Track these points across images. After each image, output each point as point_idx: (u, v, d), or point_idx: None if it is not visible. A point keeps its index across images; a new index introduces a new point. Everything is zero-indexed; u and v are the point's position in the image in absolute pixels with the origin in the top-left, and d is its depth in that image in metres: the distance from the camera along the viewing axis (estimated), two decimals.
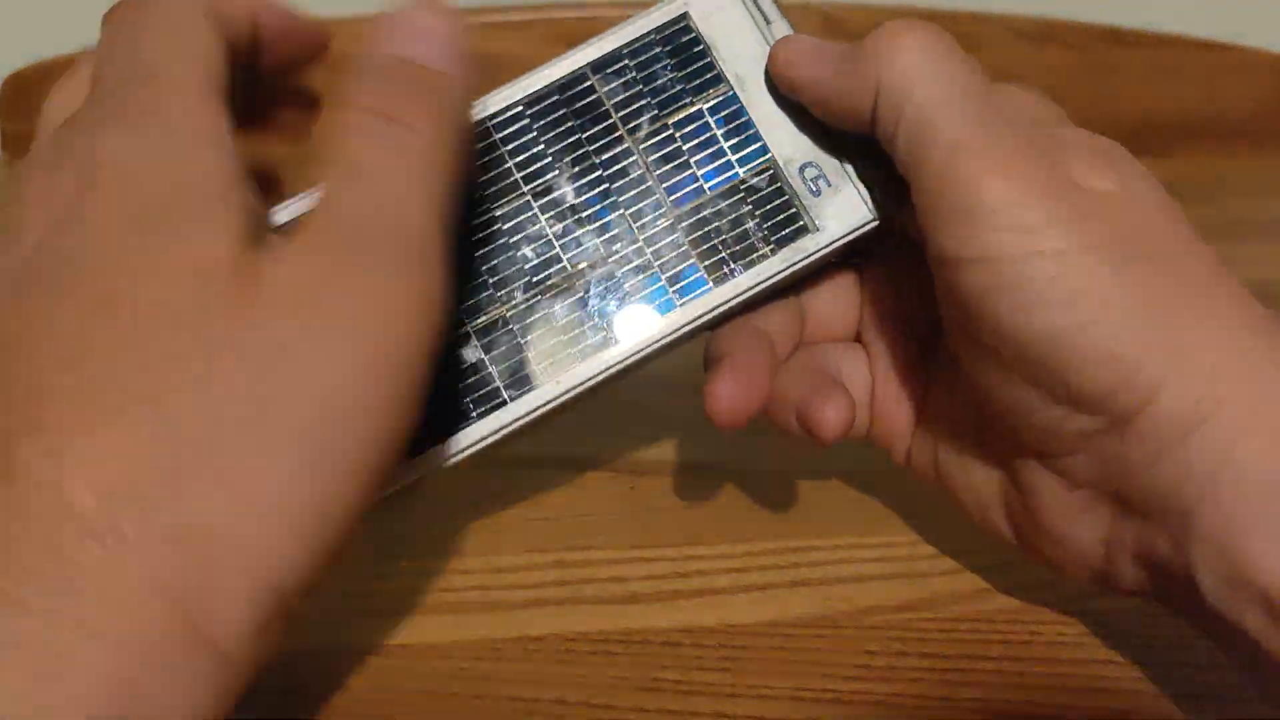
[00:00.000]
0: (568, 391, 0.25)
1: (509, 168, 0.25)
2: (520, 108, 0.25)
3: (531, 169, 0.26)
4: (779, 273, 0.26)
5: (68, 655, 0.17)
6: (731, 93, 0.26)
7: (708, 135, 0.26)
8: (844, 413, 0.26)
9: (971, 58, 0.24)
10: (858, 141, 0.26)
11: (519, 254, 0.25)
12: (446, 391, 0.25)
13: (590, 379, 0.25)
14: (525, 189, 0.25)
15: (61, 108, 0.22)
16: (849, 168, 0.27)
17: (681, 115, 0.26)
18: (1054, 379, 0.23)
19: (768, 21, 0.26)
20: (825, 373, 0.28)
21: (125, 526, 0.17)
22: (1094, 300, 0.22)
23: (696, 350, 0.28)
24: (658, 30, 0.26)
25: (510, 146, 0.25)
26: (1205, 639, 0.23)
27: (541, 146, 0.26)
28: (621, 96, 0.26)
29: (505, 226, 0.25)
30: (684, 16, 0.26)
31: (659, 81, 0.26)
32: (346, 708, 0.25)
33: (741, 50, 0.26)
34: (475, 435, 0.25)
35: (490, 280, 0.25)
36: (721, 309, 0.26)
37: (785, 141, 0.26)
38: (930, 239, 0.24)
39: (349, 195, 0.20)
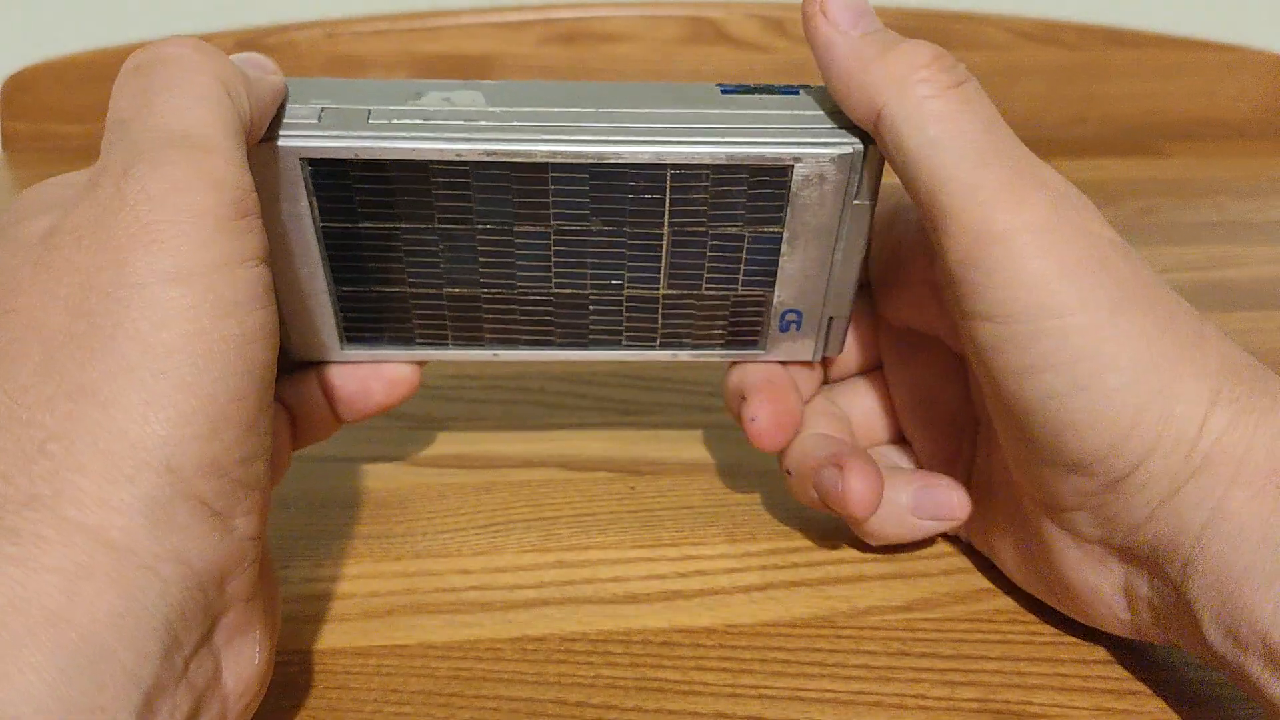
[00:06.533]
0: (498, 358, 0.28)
1: (548, 203, 0.25)
2: (586, 174, 0.25)
3: (567, 213, 0.25)
4: (714, 360, 0.29)
5: None
6: (779, 237, 0.26)
7: (734, 256, 0.26)
8: (872, 481, 0.27)
9: (976, 90, 0.23)
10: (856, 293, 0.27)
11: (519, 265, 0.26)
12: (399, 315, 0.27)
13: (520, 360, 0.28)
14: (553, 223, 0.25)
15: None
16: (828, 319, 0.28)
17: (725, 230, 0.26)
18: (1048, 440, 0.23)
19: (856, 195, 0.25)
20: (845, 441, 0.29)
21: None
22: (1095, 363, 0.21)
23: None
24: (756, 168, 0.25)
25: (557, 196, 0.25)
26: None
27: (588, 212, 0.25)
28: (685, 204, 0.25)
29: (521, 242, 0.26)
30: (788, 170, 0.25)
31: (726, 201, 0.25)
32: (346, 708, 0.25)
33: (813, 216, 0.26)
34: (412, 354, 0.28)
35: (479, 269, 0.26)
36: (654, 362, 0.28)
37: (790, 289, 0.27)
38: (947, 285, 0.24)
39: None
